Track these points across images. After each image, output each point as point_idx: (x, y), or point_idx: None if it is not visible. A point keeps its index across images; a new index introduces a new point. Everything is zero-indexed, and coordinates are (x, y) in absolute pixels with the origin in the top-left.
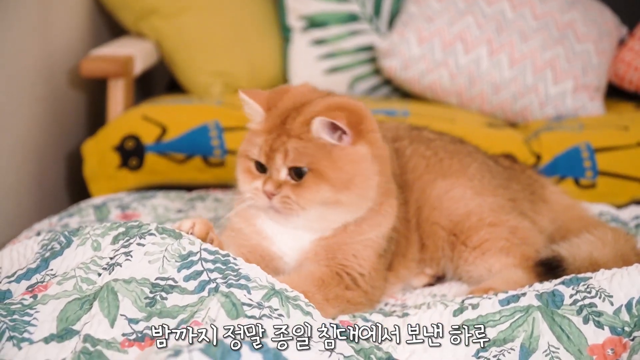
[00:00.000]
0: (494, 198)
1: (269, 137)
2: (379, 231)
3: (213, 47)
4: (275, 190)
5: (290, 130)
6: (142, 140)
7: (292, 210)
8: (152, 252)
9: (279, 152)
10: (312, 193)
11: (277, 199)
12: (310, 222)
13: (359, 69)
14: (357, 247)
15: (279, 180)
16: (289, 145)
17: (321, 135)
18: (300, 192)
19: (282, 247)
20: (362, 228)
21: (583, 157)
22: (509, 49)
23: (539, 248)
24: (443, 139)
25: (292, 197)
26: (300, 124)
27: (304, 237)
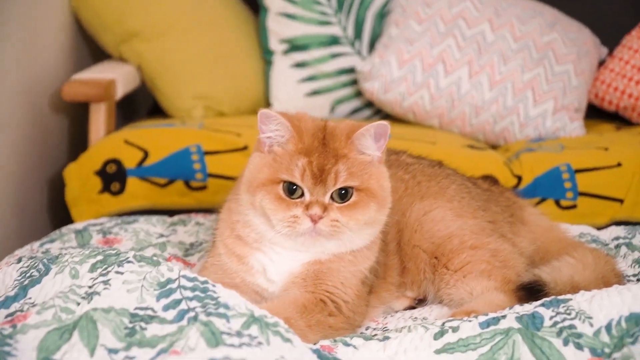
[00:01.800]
0: (474, 220)
1: (312, 158)
2: (367, 264)
3: (195, 71)
4: (323, 214)
5: (337, 150)
6: (124, 165)
7: (340, 232)
8: (130, 280)
9: (330, 173)
10: (362, 213)
11: (324, 223)
12: (341, 245)
13: (340, 91)
14: (346, 275)
15: (324, 203)
16: (340, 165)
17: (367, 147)
18: (350, 213)
19: (271, 276)
20: (356, 259)
21: (563, 178)
22: (489, 71)
23: (519, 271)
24: (421, 163)
25: (341, 220)
26: (344, 143)
27: (299, 260)
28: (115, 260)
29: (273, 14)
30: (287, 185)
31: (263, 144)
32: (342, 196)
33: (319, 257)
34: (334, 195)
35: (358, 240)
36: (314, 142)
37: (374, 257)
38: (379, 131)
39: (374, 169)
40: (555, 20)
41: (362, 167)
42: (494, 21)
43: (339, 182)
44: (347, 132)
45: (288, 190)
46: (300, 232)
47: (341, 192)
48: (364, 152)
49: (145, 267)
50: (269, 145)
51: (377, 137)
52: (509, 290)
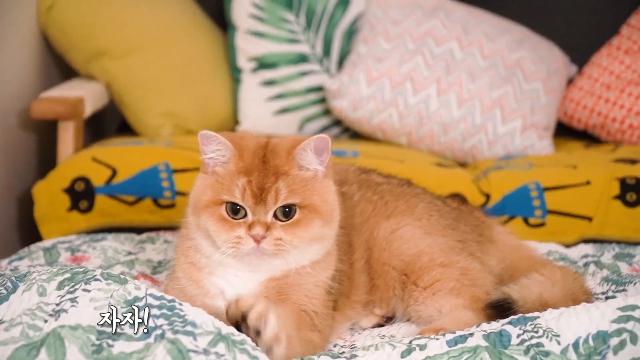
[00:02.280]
0: (443, 239)
1: (252, 177)
2: (328, 273)
3: (163, 88)
4: (265, 233)
5: (277, 168)
6: (92, 182)
7: (284, 251)
8: (97, 298)
9: (270, 191)
10: (306, 230)
11: (268, 242)
12: (288, 262)
13: (309, 109)
14: (308, 287)
15: (267, 222)
16: (280, 183)
17: (309, 162)
18: (294, 231)
19: (231, 297)
20: (315, 270)
21: (532, 196)
22: (457, 89)
23: (488, 289)
24: (390, 182)
25: (285, 238)
26: (285, 160)
27: (254, 280)
28: (82, 278)
29: (242, 32)
30: (230, 205)
31: (207, 165)
32: (286, 214)
33: (273, 274)
34: (278, 213)
35: (307, 256)
36: (254, 161)
37: (332, 267)
38: (319, 145)
39: (317, 184)
40: (523, 38)
41: (304, 184)
42: (462, 39)
43: (280, 200)
44: (288, 148)
45: (231, 210)
46: (244, 252)
47: (285, 210)
48: (306, 168)
49: (113, 285)
50: (212, 167)
51: (318, 152)
52: (478, 308)
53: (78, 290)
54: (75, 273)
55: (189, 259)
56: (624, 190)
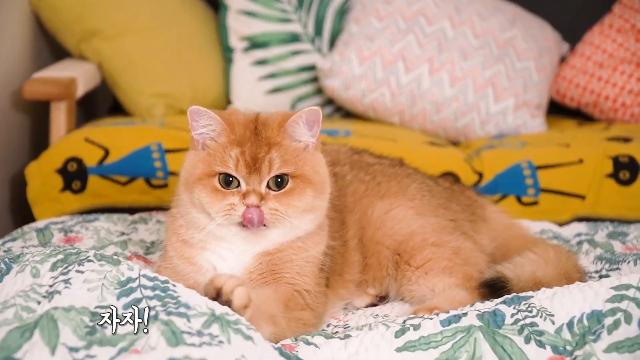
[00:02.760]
0: (435, 219)
1: (245, 147)
2: (319, 248)
3: (155, 69)
4: (260, 203)
5: (269, 139)
6: (85, 163)
7: (280, 220)
8: (91, 279)
9: (264, 161)
10: (300, 200)
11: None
12: (283, 233)
13: (301, 89)
14: (300, 263)
15: (261, 192)
16: (273, 153)
17: (300, 134)
18: (287, 201)
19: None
20: (306, 244)
21: (525, 175)
22: (450, 68)
23: (481, 268)
24: (382, 163)
25: (280, 208)
26: (277, 131)
27: (247, 254)
28: (75, 259)
29: (233, 11)
30: (223, 177)
31: (196, 142)
32: (278, 184)
33: (267, 248)
34: (270, 183)
35: (302, 226)
36: (246, 133)
37: (324, 241)
38: (311, 117)
39: (308, 155)
40: (515, 17)
41: (296, 154)
42: (454, 18)
43: (273, 169)
44: (280, 121)
45: (224, 181)
46: (237, 219)
47: (277, 181)
48: (298, 140)
49: (106, 266)
50: (202, 142)
51: (309, 124)
52: (471, 287)
53: (71, 271)
54: (68, 254)
55: (180, 237)
56: (617, 168)
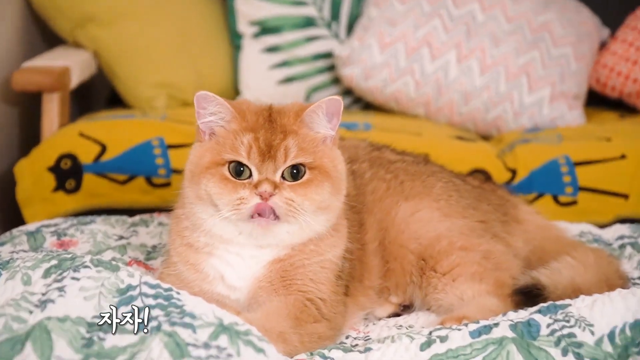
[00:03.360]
0: (463, 220)
1: (258, 134)
2: (336, 252)
3: (156, 57)
4: (274, 191)
5: (285, 126)
6: (80, 160)
7: (295, 213)
8: (87, 287)
9: (279, 148)
10: (317, 192)
11: (278, 199)
12: (293, 232)
13: (316, 78)
14: (314, 269)
15: (275, 181)
16: (290, 140)
17: (319, 125)
18: (304, 192)
19: (232, 282)
20: (320, 248)
21: (562, 172)
22: (479, 55)
23: (514, 273)
24: (405, 160)
25: (296, 199)
26: (293, 119)
27: (258, 261)
28: (70, 265)
29: None
30: (234, 165)
31: (202, 132)
32: (294, 176)
33: (278, 255)
34: (285, 174)
35: (315, 224)
36: (259, 120)
37: (341, 244)
38: (331, 108)
39: (326, 148)
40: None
41: (314, 144)
42: (484, 0)
43: (290, 158)
44: (297, 110)
45: (235, 171)
46: (246, 213)
47: (293, 172)
48: (316, 130)
49: (104, 273)
50: (210, 130)
51: (329, 115)
52: (503, 294)
53: (66, 278)
54: (62, 259)
55: (185, 240)
56: None
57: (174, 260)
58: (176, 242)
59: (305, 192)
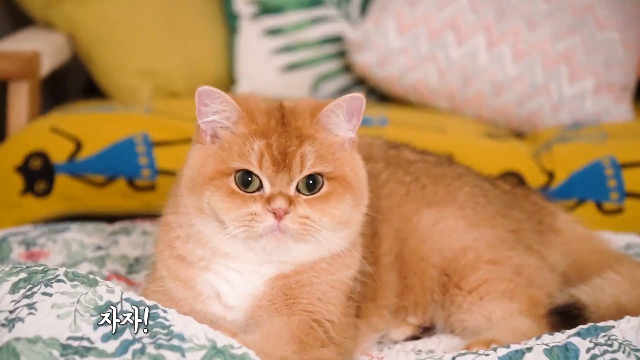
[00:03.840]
0: (492, 230)
1: (271, 140)
2: (349, 273)
3: (140, 40)
4: (289, 208)
5: (300, 130)
6: (52, 159)
7: (312, 232)
8: (61, 304)
9: (295, 156)
10: (338, 207)
11: (291, 220)
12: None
13: (324, 65)
14: (323, 288)
15: (289, 195)
16: (306, 147)
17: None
18: (323, 207)
19: (229, 302)
20: (333, 267)
21: (606, 175)
22: (512, 39)
23: (550, 290)
24: (426, 161)
25: (312, 216)
26: (309, 122)
27: (260, 276)
28: (42, 279)
29: None
30: (241, 175)
31: (203, 132)
32: (310, 187)
33: (282, 271)
34: (300, 185)
35: (333, 242)
36: (271, 122)
37: (354, 265)
38: (352, 107)
39: (346, 154)
40: None
41: (333, 151)
42: None
43: (306, 167)
44: (312, 110)
45: (242, 181)
46: (259, 232)
47: (309, 182)
48: (335, 133)
49: (80, 288)
50: (212, 132)
51: (349, 115)
52: (537, 314)
53: (37, 294)
54: (32, 272)
55: (176, 252)
56: None
57: (161, 274)
58: (164, 253)
59: (323, 208)
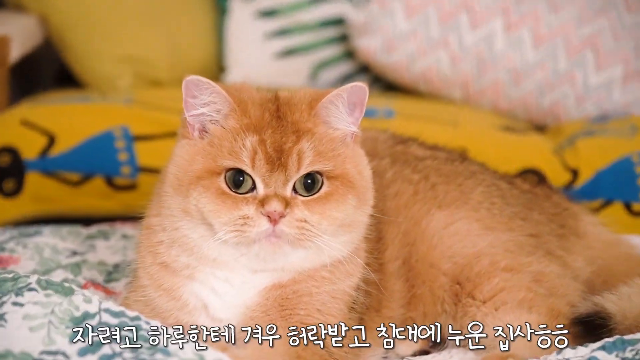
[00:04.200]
0: (509, 234)
1: (265, 135)
2: (352, 281)
3: (120, 23)
4: (285, 211)
5: (297, 124)
6: (22, 155)
7: (311, 237)
8: (33, 315)
9: (291, 154)
10: (339, 209)
11: (288, 224)
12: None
13: (323, 51)
14: (323, 298)
15: (285, 196)
16: (304, 143)
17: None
18: (322, 210)
19: (217, 314)
20: (334, 275)
21: (636, 173)
22: (532, 23)
23: (572, 300)
24: (437, 157)
25: (310, 219)
26: (307, 113)
27: (252, 286)
28: (12, 288)
29: None
30: (232, 174)
31: (191, 127)
32: (308, 187)
33: (279, 280)
34: (297, 186)
35: (335, 247)
36: (265, 115)
37: (358, 271)
38: (353, 97)
39: (348, 150)
40: None
41: (334, 147)
42: None
43: (304, 165)
44: (309, 101)
45: (233, 181)
46: (252, 237)
47: (306, 182)
48: (335, 127)
49: (54, 297)
50: (201, 126)
51: (351, 106)
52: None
53: (6, 304)
54: (1, 280)
55: (159, 259)
56: None
57: (143, 283)
58: (146, 260)
59: (322, 210)
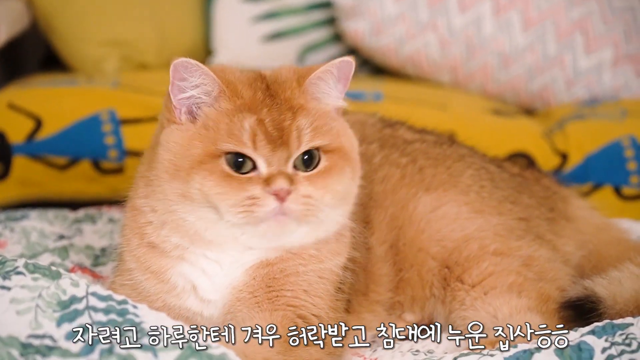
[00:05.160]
0: (499, 217)
1: (262, 115)
2: (338, 260)
3: (107, 7)
4: (290, 188)
5: (290, 101)
6: (8, 138)
7: (316, 212)
8: (20, 298)
9: (291, 131)
10: (340, 181)
11: (294, 200)
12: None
13: (311, 34)
14: (310, 278)
15: (289, 173)
16: (301, 119)
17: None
18: (324, 184)
19: (206, 295)
20: (322, 253)
21: (626, 157)
22: (521, 5)
23: (562, 284)
24: (425, 140)
25: (315, 194)
26: (297, 90)
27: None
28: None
29: None
30: (232, 156)
31: (177, 110)
32: (307, 163)
33: (266, 257)
34: (297, 162)
35: (334, 219)
36: (257, 94)
37: (344, 251)
38: (342, 71)
39: (338, 124)
40: None
41: (326, 121)
42: None
43: (304, 142)
44: (297, 78)
45: (234, 163)
46: (260, 217)
47: (304, 158)
48: (325, 102)
49: (41, 281)
50: (188, 109)
51: (340, 81)
52: (548, 310)
53: None
54: None
55: (146, 239)
56: None
57: (129, 266)
58: (132, 242)
59: (325, 184)
